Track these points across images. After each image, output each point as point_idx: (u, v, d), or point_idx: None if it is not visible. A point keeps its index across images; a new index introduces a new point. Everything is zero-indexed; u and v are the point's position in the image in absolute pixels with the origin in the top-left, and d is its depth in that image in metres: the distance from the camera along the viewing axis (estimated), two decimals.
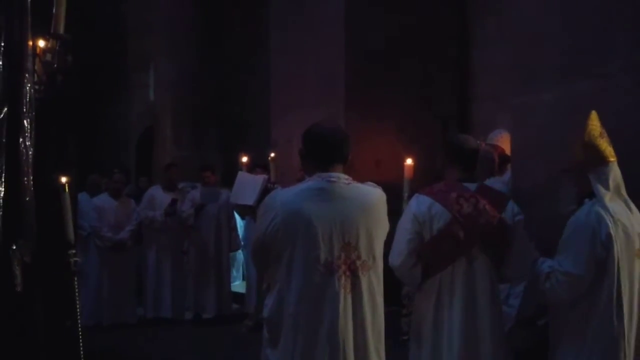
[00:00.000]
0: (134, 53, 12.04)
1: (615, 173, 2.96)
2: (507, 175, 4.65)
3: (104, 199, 7.34)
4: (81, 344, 3.42)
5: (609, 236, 2.85)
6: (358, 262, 2.65)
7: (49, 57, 3.04)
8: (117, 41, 12.29)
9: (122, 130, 12.57)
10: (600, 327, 2.86)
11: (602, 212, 2.88)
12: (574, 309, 2.93)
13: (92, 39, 11.55)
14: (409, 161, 3.97)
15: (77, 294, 3.31)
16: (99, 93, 12.24)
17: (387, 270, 3.05)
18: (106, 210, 7.23)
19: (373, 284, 2.69)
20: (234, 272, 8.60)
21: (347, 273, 2.63)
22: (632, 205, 2.99)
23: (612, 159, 2.97)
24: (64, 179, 3.14)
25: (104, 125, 12.77)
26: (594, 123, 2.99)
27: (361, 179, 2.84)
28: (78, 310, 3.43)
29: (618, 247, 2.85)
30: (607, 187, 2.93)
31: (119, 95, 12.48)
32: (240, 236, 7.82)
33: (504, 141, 4.88)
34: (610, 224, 2.86)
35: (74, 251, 3.19)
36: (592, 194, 2.95)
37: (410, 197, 3.30)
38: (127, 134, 12.38)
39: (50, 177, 3.12)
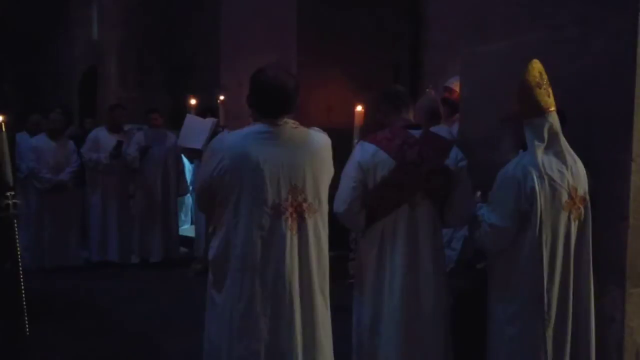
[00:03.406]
0: None
1: (552, 124, 2.89)
2: (457, 125, 4.67)
3: (41, 140, 7.05)
4: (23, 287, 3.36)
5: (533, 190, 2.83)
6: (304, 205, 2.69)
7: None
8: None
9: (65, 69, 12.07)
10: (521, 278, 2.91)
11: (529, 166, 2.85)
12: (500, 258, 3.00)
13: None
14: (359, 108, 3.98)
15: (16, 236, 3.23)
16: (40, 29, 11.68)
17: (335, 215, 3.08)
18: (44, 151, 6.97)
19: (319, 226, 2.74)
20: (182, 216, 8.55)
21: (294, 215, 2.67)
22: (570, 157, 2.94)
23: (551, 109, 2.89)
24: None
25: (46, 64, 12.24)
26: (532, 73, 2.88)
27: (313, 125, 2.85)
28: (18, 252, 3.35)
29: (542, 201, 2.85)
30: (541, 139, 2.88)
31: (61, 32, 11.94)
32: (189, 180, 7.75)
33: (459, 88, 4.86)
34: (535, 178, 2.83)
35: (12, 193, 3.08)
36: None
37: None
38: (70, 73, 11.90)
39: None
